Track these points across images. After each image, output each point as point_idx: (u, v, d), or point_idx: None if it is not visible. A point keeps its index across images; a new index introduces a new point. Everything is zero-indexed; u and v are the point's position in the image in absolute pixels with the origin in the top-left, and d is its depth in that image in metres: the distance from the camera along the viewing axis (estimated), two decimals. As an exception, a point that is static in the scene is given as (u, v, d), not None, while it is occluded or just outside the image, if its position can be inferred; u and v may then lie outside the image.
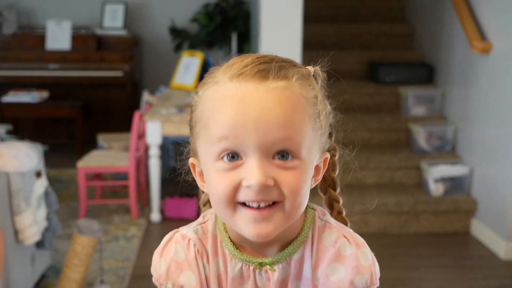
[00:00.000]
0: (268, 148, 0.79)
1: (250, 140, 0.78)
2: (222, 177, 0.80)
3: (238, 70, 0.81)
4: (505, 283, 3.15)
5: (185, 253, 0.90)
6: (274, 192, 0.79)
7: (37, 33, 5.45)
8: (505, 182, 3.41)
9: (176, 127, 3.76)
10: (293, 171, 0.80)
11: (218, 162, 0.81)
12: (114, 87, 5.40)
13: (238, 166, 0.80)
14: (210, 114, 0.81)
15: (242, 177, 0.79)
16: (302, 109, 0.81)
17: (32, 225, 2.66)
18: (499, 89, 3.49)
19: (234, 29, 5.47)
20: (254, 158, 0.78)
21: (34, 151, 2.73)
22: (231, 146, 0.79)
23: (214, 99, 0.81)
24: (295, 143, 0.79)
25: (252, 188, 0.78)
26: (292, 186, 0.80)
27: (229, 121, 0.79)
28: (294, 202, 0.81)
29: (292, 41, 3.47)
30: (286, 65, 0.83)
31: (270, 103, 0.78)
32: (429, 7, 4.64)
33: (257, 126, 0.78)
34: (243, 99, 0.79)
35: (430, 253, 3.50)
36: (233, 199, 0.80)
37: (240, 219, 0.81)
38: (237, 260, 0.89)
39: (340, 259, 0.88)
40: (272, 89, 0.79)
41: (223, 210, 0.82)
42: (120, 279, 3.09)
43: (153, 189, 3.88)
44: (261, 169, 0.78)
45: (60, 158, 5.08)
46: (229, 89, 0.80)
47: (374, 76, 4.60)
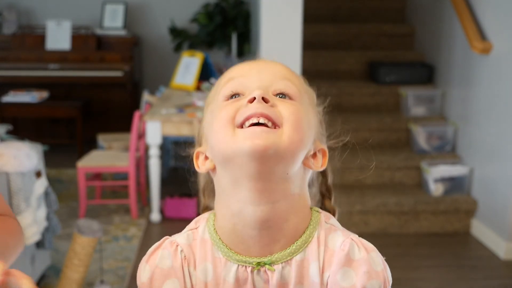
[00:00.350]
0: (269, 87, 0.84)
1: (253, 80, 0.85)
2: (225, 107, 0.84)
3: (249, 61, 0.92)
4: (505, 283, 3.15)
5: (172, 259, 0.86)
6: (274, 111, 0.81)
7: (37, 33, 5.45)
8: (505, 182, 3.41)
9: (176, 127, 3.76)
10: (292, 102, 0.84)
11: (224, 102, 0.85)
12: (114, 87, 5.40)
13: (241, 99, 0.84)
14: (220, 83, 0.89)
15: (242, 103, 0.83)
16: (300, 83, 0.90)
17: (32, 225, 2.66)
18: (499, 89, 3.49)
19: (234, 29, 5.47)
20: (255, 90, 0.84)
21: (34, 151, 2.73)
22: (235, 86, 0.85)
23: (221, 78, 0.90)
24: (293, 88, 0.86)
25: (252, 104, 0.81)
26: (291, 110, 0.82)
27: (235, 70, 0.88)
28: (294, 127, 0.81)
29: (292, 41, 3.47)
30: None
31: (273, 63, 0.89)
32: (429, 7, 4.64)
33: (260, 72, 0.86)
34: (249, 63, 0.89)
35: (430, 253, 3.50)
36: (233, 120, 0.81)
37: (239, 137, 0.79)
38: (232, 262, 0.84)
39: (350, 263, 0.83)
40: (276, 63, 0.89)
41: (223, 131, 0.81)
42: (120, 279, 3.09)
43: (153, 189, 3.88)
44: (263, 90, 0.83)
45: (60, 158, 5.08)
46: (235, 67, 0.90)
47: (374, 76, 4.60)
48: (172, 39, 5.70)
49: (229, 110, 0.82)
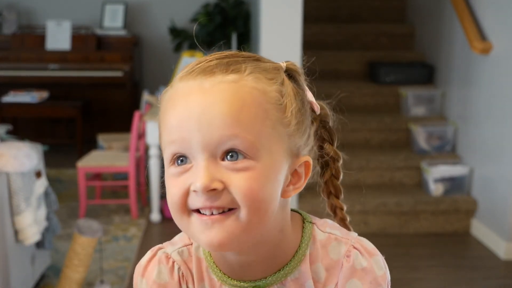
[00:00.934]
0: (214, 148, 0.72)
1: (195, 140, 0.72)
2: (173, 183, 0.75)
3: (189, 69, 0.77)
4: (505, 283, 3.15)
5: (168, 276, 0.83)
6: (225, 198, 0.72)
7: (37, 33, 5.46)
8: (505, 182, 3.41)
9: (176, 127, 3.76)
10: (246, 173, 0.72)
11: (170, 167, 0.76)
12: (114, 87, 5.40)
13: (187, 170, 0.74)
14: (161, 119, 0.79)
15: (190, 182, 0.73)
16: (255, 103, 0.73)
17: (32, 225, 2.66)
18: (499, 89, 3.49)
19: (234, 29, 5.47)
20: (200, 160, 0.72)
21: (34, 151, 2.73)
22: (178, 149, 0.74)
23: (165, 102, 0.79)
24: (244, 141, 0.72)
25: (198, 193, 0.72)
26: (244, 190, 0.71)
27: (174, 123, 0.75)
28: (251, 210, 0.72)
29: (292, 41, 3.47)
30: (242, 60, 0.77)
31: (214, 99, 0.72)
32: (429, 7, 4.64)
33: (200, 125, 0.72)
34: (186, 98, 0.74)
35: (430, 253, 3.50)
36: (185, 206, 0.74)
37: (194, 227, 0.74)
38: (227, 287, 0.82)
39: (356, 274, 0.82)
40: (217, 84, 0.73)
41: (178, 218, 0.76)
42: (120, 279, 3.09)
43: (153, 189, 3.88)
44: (207, 171, 0.71)
45: (60, 158, 5.08)
46: (177, 89, 0.76)
47: (374, 76, 4.60)
48: (172, 39, 5.71)
49: (178, 191, 0.74)
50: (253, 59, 0.78)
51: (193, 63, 0.77)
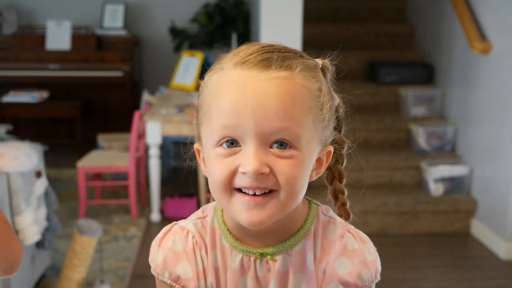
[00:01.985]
0: (265, 137, 0.79)
1: (248, 128, 0.79)
2: (220, 163, 0.82)
3: (242, 58, 0.82)
4: (505, 283, 3.16)
5: (183, 244, 0.91)
6: (270, 180, 0.80)
7: (37, 33, 5.46)
8: (505, 182, 3.41)
9: (176, 127, 3.76)
10: (290, 161, 0.81)
11: (217, 148, 0.82)
12: (114, 87, 5.40)
13: (236, 153, 0.81)
14: (212, 101, 0.83)
15: (239, 164, 0.80)
16: (303, 100, 0.82)
17: (32, 225, 2.67)
18: (499, 89, 3.49)
19: (234, 29, 5.47)
20: (251, 145, 0.79)
21: (34, 151, 2.73)
22: (230, 133, 0.80)
23: (217, 85, 0.83)
24: (292, 134, 0.80)
25: (248, 174, 0.79)
26: (288, 175, 0.80)
27: (229, 109, 0.80)
28: (290, 192, 0.81)
29: (292, 41, 3.47)
30: (292, 55, 0.84)
31: (270, 92, 0.79)
32: (429, 7, 4.64)
33: (255, 114, 0.79)
34: (243, 87, 0.80)
35: (430, 253, 3.50)
36: (230, 184, 0.81)
37: (236, 205, 0.82)
38: (237, 252, 0.90)
39: (347, 253, 0.90)
40: (273, 78, 0.80)
41: (221, 195, 0.83)
42: (120, 279, 3.09)
43: (153, 189, 3.88)
44: (257, 156, 0.79)
45: (60, 158, 5.08)
46: (232, 76, 0.82)
47: (374, 76, 4.60)
48: (172, 39, 5.71)
49: (224, 171, 0.81)
50: (299, 56, 0.85)
51: (244, 51, 0.83)
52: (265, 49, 0.83)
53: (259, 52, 0.82)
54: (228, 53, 0.86)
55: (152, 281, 0.93)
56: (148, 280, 3.05)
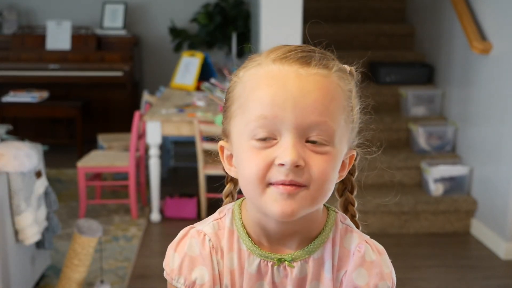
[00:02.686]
0: (303, 130, 0.80)
1: (288, 120, 0.80)
2: (255, 155, 0.82)
3: (282, 54, 0.84)
4: (505, 283, 3.16)
5: (200, 248, 0.90)
6: (304, 174, 0.81)
7: (37, 33, 5.46)
8: (505, 182, 3.41)
9: (176, 127, 3.76)
10: (324, 156, 0.82)
11: (252, 140, 0.82)
12: (114, 87, 5.40)
13: (272, 145, 0.81)
14: (249, 93, 0.83)
15: (275, 156, 0.80)
16: (338, 98, 0.84)
17: (32, 225, 2.67)
18: (499, 89, 3.49)
19: (234, 29, 5.47)
20: (289, 137, 0.80)
21: (34, 151, 2.73)
22: (267, 124, 0.81)
23: (256, 79, 0.84)
24: (329, 129, 0.82)
25: (285, 166, 0.79)
26: (321, 170, 0.81)
27: (268, 100, 0.81)
28: (320, 187, 0.82)
29: (292, 41, 3.46)
30: (328, 56, 0.86)
31: (310, 87, 0.81)
32: (429, 7, 4.64)
33: (296, 107, 0.80)
34: (284, 80, 0.81)
35: (430, 253, 3.50)
36: (264, 178, 0.81)
37: (268, 197, 0.81)
38: (255, 256, 0.89)
39: (364, 264, 0.90)
40: (313, 75, 0.82)
41: (253, 188, 0.83)
42: (120, 279, 3.09)
43: (153, 189, 3.88)
44: (295, 148, 0.80)
45: (60, 158, 5.08)
46: (272, 70, 0.83)
47: (374, 76, 4.60)
48: (172, 39, 5.70)
49: (260, 163, 0.81)
50: (332, 58, 0.87)
51: (283, 49, 0.85)
52: (303, 48, 0.85)
53: (298, 50, 0.84)
54: (261, 53, 0.88)
55: (152, 281, 0.93)
56: (148, 280, 3.05)
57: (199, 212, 3.88)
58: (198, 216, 3.85)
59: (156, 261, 3.23)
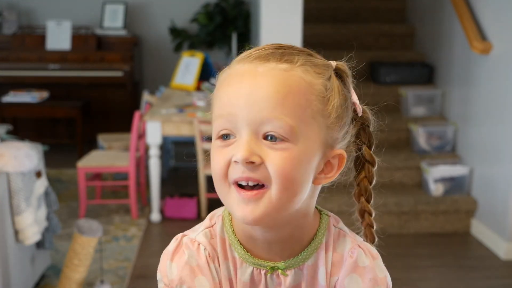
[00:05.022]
0: (257, 126, 0.79)
1: (241, 116, 0.79)
2: (218, 154, 0.82)
3: (247, 54, 0.84)
4: (505, 283, 3.16)
5: (196, 258, 0.87)
6: (261, 172, 0.78)
7: (37, 33, 5.46)
8: (505, 182, 3.41)
9: (176, 127, 3.76)
10: (283, 152, 0.79)
11: (217, 140, 0.82)
12: (114, 87, 5.40)
13: (231, 144, 0.81)
14: (215, 94, 0.85)
15: (232, 154, 0.80)
16: (299, 92, 0.80)
17: (32, 225, 2.67)
18: (499, 89, 3.49)
19: (234, 29, 5.47)
20: (244, 134, 0.79)
21: (34, 151, 2.73)
22: (225, 123, 0.81)
23: (221, 80, 0.85)
24: (285, 125, 0.78)
25: (239, 163, 0.79)
26: (279, 167, 0.78)
27: (225, 99, 0.81)
28: (282, 186, 0.78)
29: (292, 41, 3.46)
30: (296, 52, 0.84)
31: (263, 82, 0.79)
32: (429, 7, 4.64)
33: (247, 103, 0.79)
34: (240, 78, 0.81)
35: (430, 253, 3.50)
36: (226, 176, 0.81)
37: (232, 199, 0.81)
38: (248, 264, 0.87)
39: (358, 270, 0.88)
40: (270, 70, 0.80)
41: (219, 187, 0.82)
42: (120, 279, 3.09)
43: (153, 189, 3.88)
44: (248, 145, 0.78)
45: (60, 158, 5.08)
46: (234, 69, 0.83)
47: (374, 76, 4.60)
48: (172, 39, 5.70)
49: (220, 161, 0.81)
50: (306, 54, 0.85)
51: (251, 50, 0.85)
52: (272, 46, 0.84)
53: (265, 48, 0.83)
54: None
55: (152, 281, 0.93)
56: (148, 280, 3.05)
57: (199, 212, 3.88)
58: (198, 216, 3.85)
59: (156, 261, 3.21)
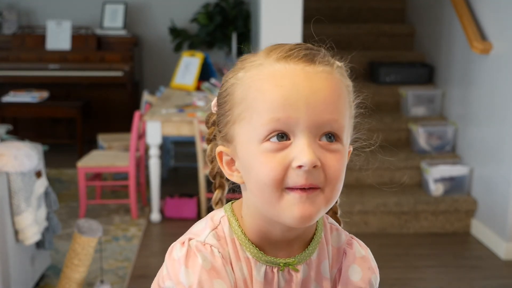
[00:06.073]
0: (316, 129, 0.78)
1: (301, 120, 0.77)
2: (269, 159, 0.78)
3: (284, 53, 0.81)
4: (505, 283, 3.16)
5: (211, 261, 0.84)
6: (320, 176, 0.79)
7: (37, 33, 5.46)
8: (505, 182, 3.41)
9: (176, 127, 3.76)
10: (336, 155, 0.80)
11: (265, 143, 0.79)
12: (114, 87, 5.40)
13: (287, 147, 0.78)
14: (256, 95, 0.80)
15: (291, 158, 0.77)
16: (343, 95, 0.83)
17: (32, 225, 2.67)
18: (499, 89, 3.49)
19: (234, 29, 5.47)
20: (303, 138, 0.78)
21: (34, 151, 2.73)
22: (281, 126, 0.78)
23: (261, 79, 0.80)
24: (340, 126, 0.80)
25: (303, 167, 0.77)
26: (335, 170, 0.80)
27: (280, 101, 0.78)
28: (335, 188, 0.80)
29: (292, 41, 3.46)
30: (326, 53, 0.86)
31: (319, 85, 0.79)
32: (429, 7, 4.64)
33: (308, 106, 0.78)
34: (293, 79, 0.79)
35: (430, 253, 3.50)
36: (282, 182, 0.78)
37: (286, 202, 0.79)
38: (261, 263, 0.86)
39: (356, 260, 0.92)
40: (320, 72, 0.81)
41: (269, 194, 0.79)
42: (120, 279, 3.09)
43: (153, 189, 3.88)
44: (311, 148, 0.78)
45: (60, 158, 5.08)
46: (277, 69, 0.80)
47: (374, 76, 4.60)
48: (172, 39, 5.70)
49: (277, 167, 0.78)
50: (330, 54, 0.87)
51: (281, 48, 0.82)
52: (303, 45, 0.83)
53: (300, 48, 0.82)
54: (255, 53, 0.85)
55: (152, 281, 0.92)
56: (148, 280, 3.04)
57: (199, 212, 3.88)
58: (198, 216, 3.85)
59: (156, 261, 3.23)
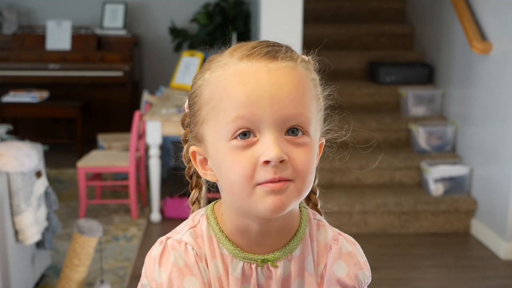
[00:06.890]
0: (281, 124, 0.80)
1: (266, 116, 0.79)
2: (238, 156, 0.81)
3: (247, 51, 0.83)
4: (505, 283, 3.16)
5: (184, 258, 0.87)
6: (288, 169, 0.80)
7: (37, 33, 5.45)
8: (505, 182, 3.41)
9: (176, 127, 3.76)
10: (304, 148, 0.82)
11: (232, 141, 0.81)
12: (114, 87, 5.40)
13: (253, 144, 0.80)
14: (222, 94, 0.82)
15: (258, 154, 0.79)
16: (308, 88, 0.84)
17: (32, 225, 2.67)
18: (499, 89, 3.49)
19: (234, 29, 5.47)
20: (269, 134, 0.80)
21: (34, 151, 2.73)
22: (246, 123, 0.80)
23: (225, 79, 0.82)
24: (306, 120, 0.82)
25: (271, 163, 0.78)
26: (303, 163, 0.81)
27: (244, 99, 0.80)
28: (305, 180, 0.82)
29: (292, 41, 3.47)
30: (290, 48, 0.86)
31: (282, 80, 0.81)
32: (429, 7, 4.64)
33: (272, 102, 0.79)
34: (256, 77, 0.80)
35: (430, 253, 3.50)
36: (252, 179, 0.80)
37: (258, 196, 0.80)
38: (238, 260, 0.88)
39: (342, 256, 0.92)
40: (283, 68, 0.82)
41: (240, 190, 0.81)
42: (120, 279, 3.09)
43: (153, 189, 3.88)
44: (277, 143, 0.79)
45: (60, 158, 5.08)
46: (241, 68, 0.82)
47: (374, 76, 4.60)
48: (172, 39, 5.70)
49: (246, 164, 0.80)
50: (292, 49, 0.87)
51: (246, 46, 0.84)
52: (266, 42, 0.85)
53: (261, 46, 0.83)
54: (220, 53, 0.86)
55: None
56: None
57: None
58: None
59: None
